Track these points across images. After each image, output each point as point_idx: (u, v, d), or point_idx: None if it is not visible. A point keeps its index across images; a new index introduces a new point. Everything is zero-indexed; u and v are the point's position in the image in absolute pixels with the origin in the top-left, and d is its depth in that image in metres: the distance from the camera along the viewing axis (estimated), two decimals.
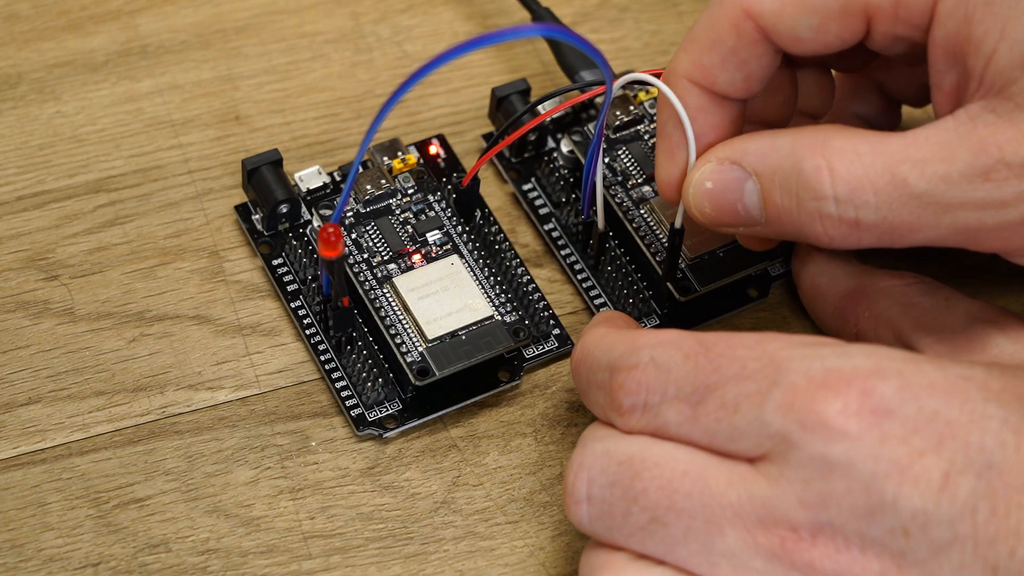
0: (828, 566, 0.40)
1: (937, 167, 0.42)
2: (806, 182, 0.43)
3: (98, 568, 0.47)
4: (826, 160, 0.43)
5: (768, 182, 0.45)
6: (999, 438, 0.39)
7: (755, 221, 0.46)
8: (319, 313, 0.51)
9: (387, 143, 0.54)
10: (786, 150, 0.44)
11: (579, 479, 0.43)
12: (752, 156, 0.45)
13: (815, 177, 0.43)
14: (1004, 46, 0.41)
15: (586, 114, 0.56)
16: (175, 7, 0.59)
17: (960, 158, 0.42)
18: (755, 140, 0.45)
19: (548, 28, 0.42)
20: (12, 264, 0.53)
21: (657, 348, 0.43)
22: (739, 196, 0.46)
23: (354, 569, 0.48)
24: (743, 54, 0.45)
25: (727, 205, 0.46)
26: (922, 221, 0.43)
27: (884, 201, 0.43)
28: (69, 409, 0.50)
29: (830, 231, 0.44)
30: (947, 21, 0.42)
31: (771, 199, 0.45)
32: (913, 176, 0.42)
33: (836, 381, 0.40)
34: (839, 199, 0.43)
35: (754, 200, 0.45)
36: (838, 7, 0.44)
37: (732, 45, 0.45)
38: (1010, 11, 0.41)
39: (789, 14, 0.44)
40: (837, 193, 0.43)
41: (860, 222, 0.43)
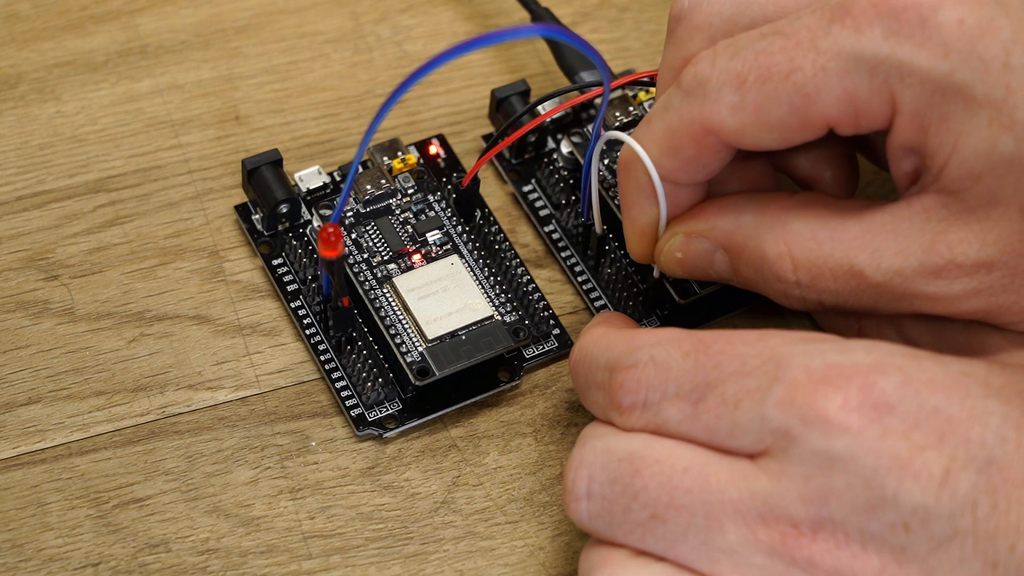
0: (829, 561, 0.40)
1: (892, 260, 0.44)
2: (770, 267, 0.46)
3: (98, 568, 0.47)
4: (787, 247, 0.45)
5: (735, 258, 0.47)
6: (1000, 434, 0.39)
7: (728, 280, 0.48)
8: (319, 313, 0.51)
9: (387, 143, 0.54)
10: (749, 230, 0.46)
11: (579, 476, 0.43)
12: (718, 232, 0.47)
13: (778, 263, 0.45)
14: (955, 160, 0.42)
15: (586, 114, 0.56)
16: (175, 7, 0.59)
17: (913, 254, 0.43)
18: (720, 216, 0.47)
19: (547, 28, 0.42)
20: (12, 264, 0.53)
21: (656, 346, 0.43)
22: (709, 263, 0.47)
23: (354, 569, 0.48)
24: (703, 160, 0.46)
25: (699, 271, 0.48)
26: (881, 306, 0.45)
27: (843, 288, 0.45)
28: (69, 409, 0.50)
29: (796, 307, 0.46)
30: (904, 130, 0.43)
31: (740, 271, 0.47)
32: (869, 269, 0.44)
33: (837, 376, 0.40)
34: (801, 284, 0.45)
35: (724, 267, 0.47)
36: (798, 124, 0.44)
37: (692, 155, 0.46)
38: (962, 127, 0.42)
39: (750, 132, 0.44)
40: (799, 279, 0.45)
41: (823, 303, 0.45)
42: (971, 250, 0.43)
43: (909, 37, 0.42)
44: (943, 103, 0.42)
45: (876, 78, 0.42)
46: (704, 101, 0.45)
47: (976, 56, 0.41)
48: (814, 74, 0.43)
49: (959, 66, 0.42)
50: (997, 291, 0.43)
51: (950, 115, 0.42)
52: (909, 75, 0.42)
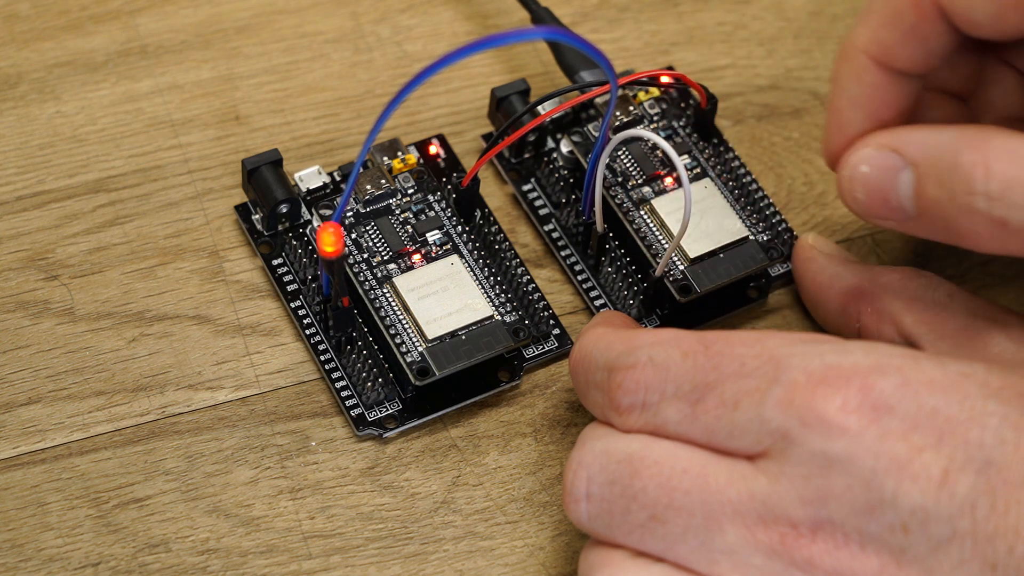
0: (828, 562, 0.40)
1: None
2: (961, 175, 0.43)
3: (98, 568, 0.47)
4: (983, 156, 0.43)
5: (924, 172, 0.44)
6: (999, 435, 0.39)
7: (905, 214, 0.45)
8: (319, 313, 0.51)
9: (387, 143, 0.54)
10: (946, 143, 0.44)
11: (578, 477, 0.43)
12: (911, 146, 0.45)
13: (970, 171, 0.43)
14: None
15: (585, 114, 0.56)
16: (175, 7, 0.59)
17: None
18: (916, 131, 0.45)
19: (552, 31, 0.42)
20: (12, 264, 0.53)
21: (655, 347, 0.43)
22: (893, 185, 0.45)
23: (354, 569, 0.48)
24: (923, 31, 0.45)
25: (880, 193, 0.46)
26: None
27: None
28: (69, 409, 0.50)
29: (978, 227, 0.43)
30: None
31: (925, 191, 0.44)
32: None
33: (836, 378, 0.40)
34: (991, 196, 0.43)
35: (907, 191, 0.45)
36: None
37: (912, 22, 0.45)
38: None
39: None
40: (990, 190, 0.43)
41: (1008, 223, 0.43)
42: None
43: None
44: None
45: None
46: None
47: None
48: None
49: None
50: None
51: None
52: None
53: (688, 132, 0.55)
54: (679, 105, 0.56)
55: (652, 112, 0.55)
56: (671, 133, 0.55)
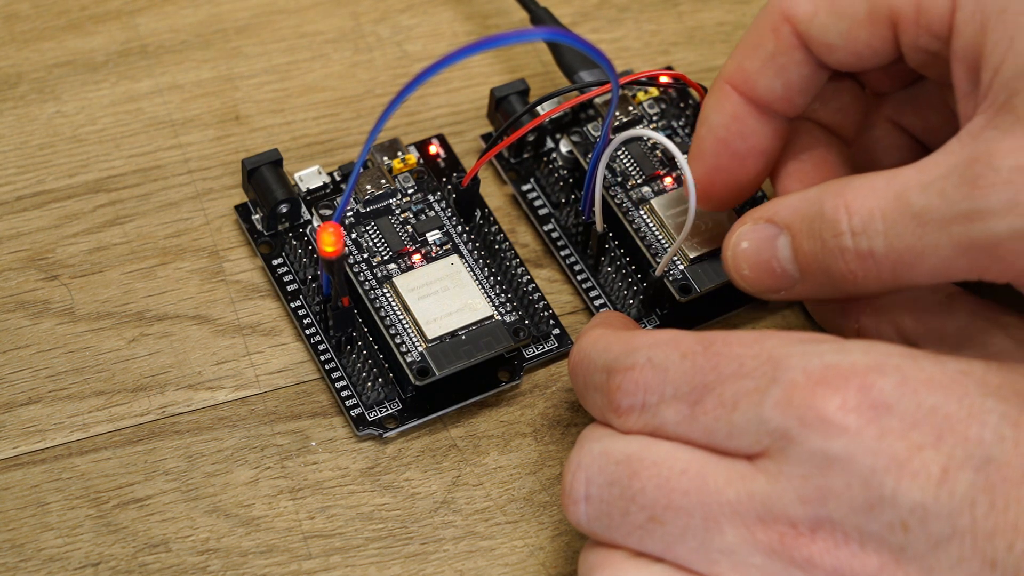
0: (827, 561, 0.40)
1: (936, 184, 0.42)
2: (827, 221, 0.44)
3: (98, 568, 0.47)
4: (843, 199, 0.44)
5: (797, 232, 0.45)
6: (998, 432, 0.39)
7: (791, 279, 0.46)
8: (319, 313, 0.51)
9: (387, 143, 0.54)
10: (811, 198, 0.45)
11: (577, 479, 0.43)
12: (782, 211, 0.46)
13: (834, 215, 0.44)
14: (1011, 56, 0.42)
15: (585, 114, 0.56)
16: (175, 7, 0.59)
17: (956, 170, 0.42)
18: (786, 198, 0.46)
19: (552, 32, 0.43)
20: (12, 264, 0.53)
21: (654, 348, 0.43)
22: (773, 252, 0.46)
23: (354, 569, 0.48)
24: (781, 59, 0.46)
25: (763, 264, 0.47)
26: (923, 243, 0.42)
27: (890, 226, 0.43)
28: (69, 409, 0.50)
29: (852, 266, 0.44)
30: (964, 30, 0.43)
31: (800, 247, 0.45)
32: (915, 196, 0.42)
33: (834, 377, 0.40)
34: (855, 232, 0.43)
35: (787, 254, 0.46)
36: (865, 12, 0.45)
37: (771, 50, 0.46)
38: (1019, 18, 0.41)
39: (821, 19, 0.45)
40: (852, 226, 0.43)
41: (873, 252, 0.43)
42: (1011, 156, 0.41)
43: None
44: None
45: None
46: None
47: None
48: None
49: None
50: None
51: (1008, 7, 0.42)
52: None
53: (688, 132, 0.55)
54: (678, 105, 0.56)
55: (651, 112, 0.55)
56: (670, 133, 0.55)
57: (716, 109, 0.48)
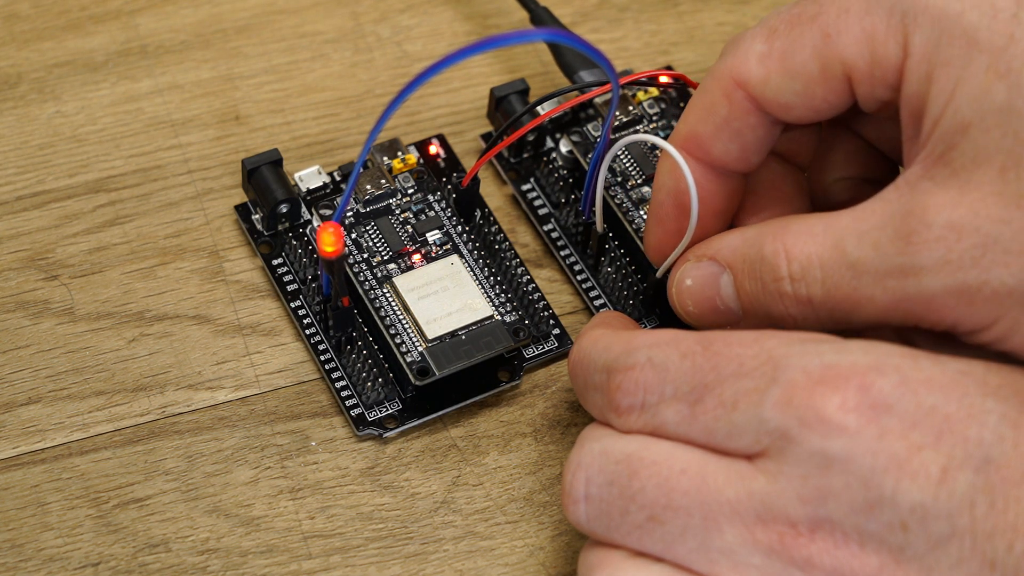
0: (827, 561, 0.40)
1: (872, 235, 0.43)
2: (767, 265, 0.45)
3: (98, 568, 0.47)
4: (782, 243, 0.44)
5: (738, 271, 0.46)
6: (997, 433, 0.39)
7: (734, 315, 0.47)
8: (319, 313, 0.51)
9: (387, 143, 0.54)
10: (752, 239, 0.45)
11: (577, 478, 0.43)
12: (724, 250, 0.46)
13: (773, 260, 0.44)
14: (951, 109, 0.42)
15: (584, 114, 0.56)
16: (175, 7, 0.59)
17: (891, 223, 0.42)
18: (728, 236, 0.47)
19: (552, 32, 0.43)
20: (12, 264, 0.53)
21: (654, 348, 0.43)
22: (716, 290, 0.47)
23: (354, 569, 0.48)
24: (736, 124, 0.46)
25: (707, 301, 0.47)
26: (859, 294, 0.43)
27: (827, 274, 0.44)
28: (69, 409, 0.50)
29: (790, 310, 0.45)
30: (911, 78, 0.43)
31: (742, 287, 0.46)
32: (851, 246, 0.43)
33: (834, 377, 0.40)
34: (794, 277, 0.44)
35: (729, 292, 0.46)
36: (819, 70, 0.44)
37: (725, 115, 0.46)
38: (961, 73, 0.42)
39: (774, 81, 0.45)
40: (792, 272, 0.44)
41: (812, 299, 0.44)
42: (944, 211, 0.41)
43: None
44: (948, 46, 0.42)
45: (893, 17, 0.43)
46: (735, 55, 0.45)
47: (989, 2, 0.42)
48: (837, 16, 0.44)
49: (971, 7, 0.42)
50: (967, 264, 0.41)
51: (952, 60, 0.42)
52: (923, 13, 0.42)
53: None
54: (678, 105, 0.56)
55: (651, 112, 0.55)
56: (670, 132, 0.55)
57: (671, 175, 0.48)
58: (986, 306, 0.42)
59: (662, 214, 0.48)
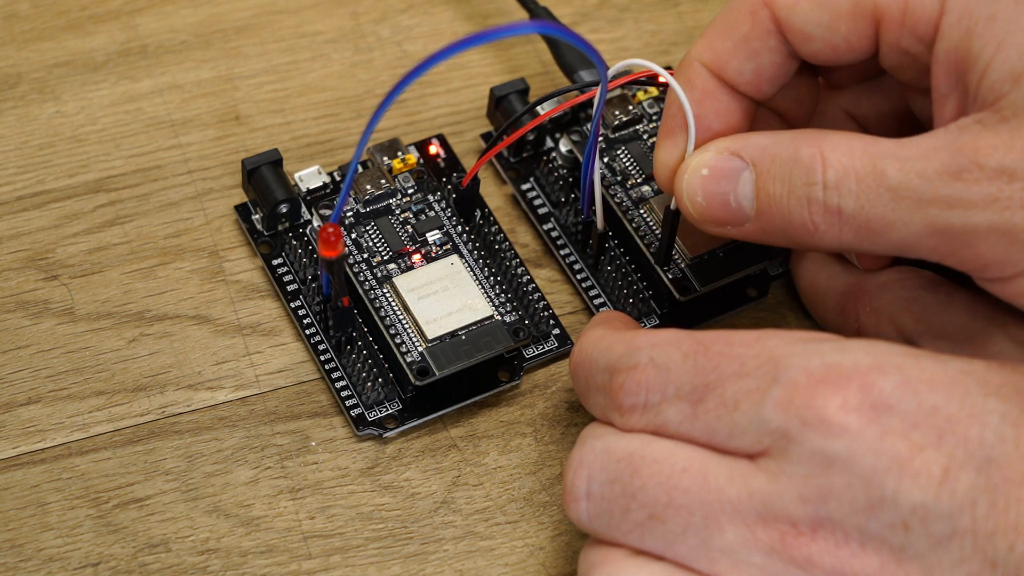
0: (828, 561, 0.40)
1: (915, 164, 0.42)
2: (801, 167, 0.44)
3: (98, 568, 0.47)
4: (820, 149, 0.44)
5: (764, 170, 0.45)
6: (999, 432, 0.39)
7: (744, 216, 0.46)
8: (319, 313, 0.51)
9: (387, 143, 0.54)
10: (785, 142, 0.45)
11: (578, 476, 0.43)
12: (752, 147, 0.46)
13: (809, 163, 0.44)
14: (999, 59, 0.42)
15: (584, 114, 0.56)
16: (175, 7, 0.59)
17: (938, 157, 0.42)
18: (756, 135, 0.46)
19: (542, 25, 0.42)
20: (12, 264, 0.53)
21: (656, 348, 0.43)
22: (733, 186, 0.46)
23: (354, 569, 0.48)
24: (754, 43, 0.46)
25: (719, 196, 0.46)
26: (895, 216, 0.43)
27: (863, 190, 0.43)
28: (69, 409, 0.50)
29: (815, 218, 0.44)
30: (950, 33, 0.43)
31: (764, 188, 0.45)
32: (892, 169, 0.43)
33: (835, 377, 0.40)
34: (827, 185, 0.44)
35: (747, 191, 0.45)
36: (849, 6, 0.44)
37: (745, 32, 0.46)
38: (1009, 26, 0.42)
39: (803, 7, 0.45)
40: (827, 179, 0.44)
41: (842, 211, 0.44)
42: (996, 154, 0.42)
43: None
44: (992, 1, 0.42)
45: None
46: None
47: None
48: None
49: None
50: (1016, 205, 0.42)
51: (998, 14, 0.42)
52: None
53: None
54: None
55: (651, 112, 0.55)
56: None
57: (687, 87, 0.47)
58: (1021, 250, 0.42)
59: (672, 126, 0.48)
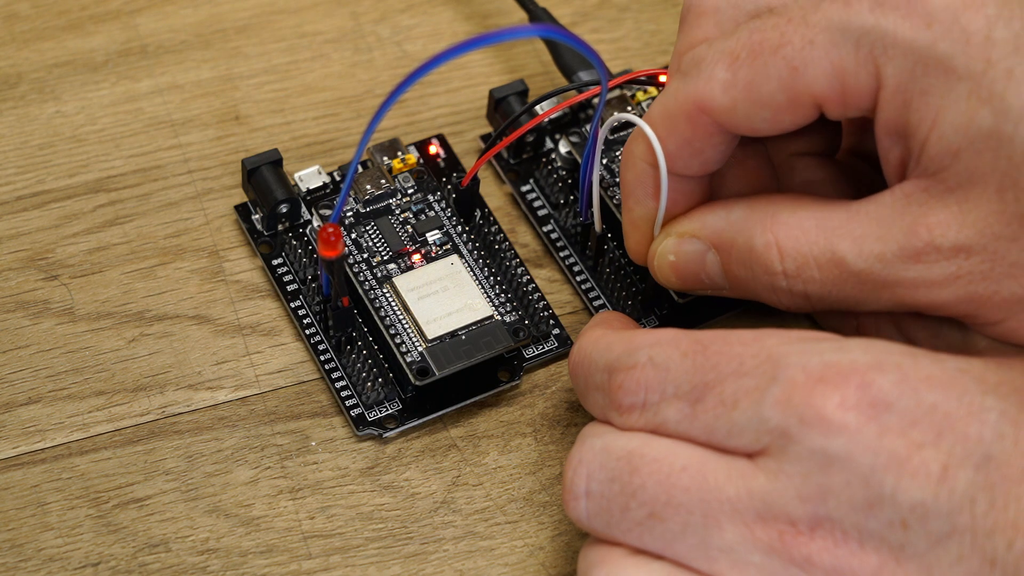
0: (827, 560, 0.40)
1: (873, 246, 0.43)
2: (758, 258, 0.45)
3: (98, 568, 0.47)
4: (775, 236, 0.45)
5: (725, 255, 0.47)
6: (997, 430, 0.39)
7: (720, 286, 0.47)
8: (319, 313, 0.51)
9: (387, 143, 0.54)
10: (739, 225, 0.46)
11: (578, 475, 0.43)
12: (708, 231, 0.47)
13: (765, 254, 0.45)
14: (935, 135, 0.42)
15: (584, 114, 0.56)
16: (175, 7, 0.59)
17: (894, 238, 0.43)
18: (711, 214, 0.47)
19: (545, 28, 0.43)
20: (12, 264, 0.53)
21: (655, 347, 0.43)
22: (701, 267, 0.47)
23: (354, 569, 0.48)
24: (698, 144, 0.46)
25: (691, 275, 0.48)
26: (864, 296, 0.44)
27: (827, 277, 0.44)
28: (69, 409, 0.50)
29: (785, 302, 0.46)
30: (888, 107, 0.43)
31: (730, 270, 0.47)
32: (851, 255, 0.44)
33: (834, 375, 0.40)
34: (788, 275, 0.45)
35: (716, 269, 0.47)
36: (786, 100, 0.44)
37: (687, 136, 0.46)
38: (941, 101, 0.42)
39: (741, 110, 0.45)
40: (786, 269, 0.45)
41: (809, 295, 0.45)
42: (950, 232, 0.43)
43: (894, 8, 0.42)
44: (924, 76, 0.42)
45: (862, 50, 0.43)
46: (698, 79, 0.45)
47: (959, 27, 0.42)
48: (802, 47, 0.43)
49: (941, 37, 0.42)
50: (977, 278, 0.43)
51: (931, 89, 0.42)
52: (893, 46, 0.42)
53: None
54: None
55: None
56: None
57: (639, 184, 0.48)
58: (995, 310, 0.43)
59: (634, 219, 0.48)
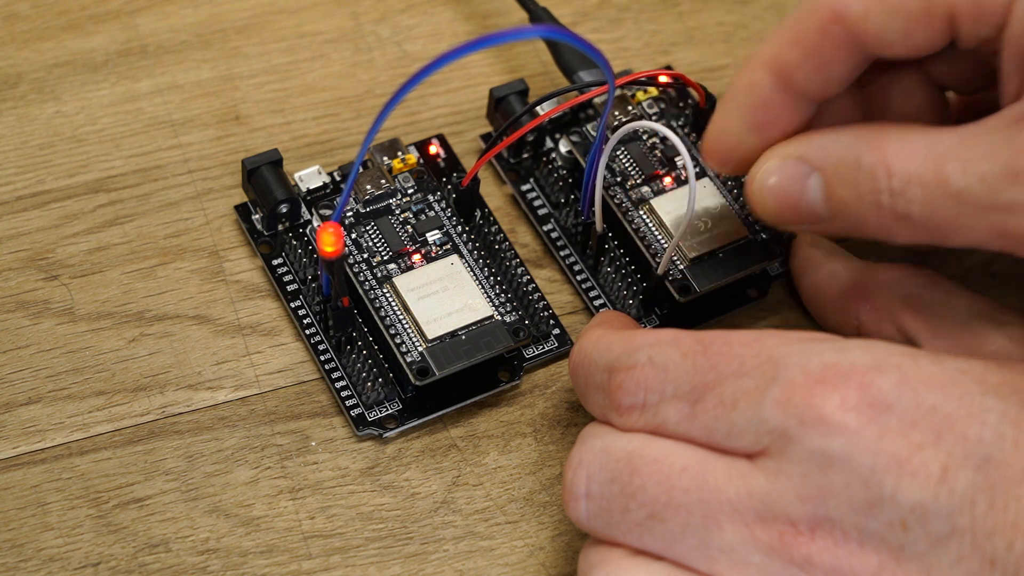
0: (827, 560, 0.40)
1: (977, 166, 0.42)
2: (865, 175, 0.44)
3: (98, 568, 0.47)
4: (883, 156, 0.44)
5: (830, 176, 0.45)
6: (997, 431, 0.39)
7: (818, 217, 0.46)
8: (319, 313, 0.51)
9: (387, 143, 0.54)
10: (847, 145, 0.45)
11: (578, 475, 0.43)
12: (815, 152, 0.46)
13: (872, 171, 0.44)
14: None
15: (584, 114, 0.56)
16: (175, 7, 0.59)
17: (999, 158, 0.42)
18: (817, 137, 0.46)
19: (549, 30, 0.43)
20: (12, 264, 0.53)
21: (655, 348, 0.43)
22: (802, 191, 0.46)
23: (354, 569, 0.48)
24: (825, 56, 0.45)
25: (790, 200, 0.46)
26: (961, 220, 0.43)
27: (929, 197, 0.43)
28: (69, 409, 0.50)
29: (886, 222, 0.44)
30: (1018, 23, 0.43)
31: (833, 192, 0.45)
32: (955, 174, 0.43)
33: (834, 376, 0.40)
34: (893, 192, 0.44)
35: (817, 195, 0.46)
36: (921, 9, 0.44)
37: (816, 44, 0.45)
38: None
39: (875, 17, 0.44)
40: (892, 186, 0.43)
41: (910, 216, 0.44)
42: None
43: None
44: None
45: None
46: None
47: None
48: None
49: None
50: None
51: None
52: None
53: (687, 132, 0.55)
54: (677, 105, 0.56)
55: (651, 112, 0.55)
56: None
57: (748, 91, 0.47)
58: None
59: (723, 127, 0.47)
